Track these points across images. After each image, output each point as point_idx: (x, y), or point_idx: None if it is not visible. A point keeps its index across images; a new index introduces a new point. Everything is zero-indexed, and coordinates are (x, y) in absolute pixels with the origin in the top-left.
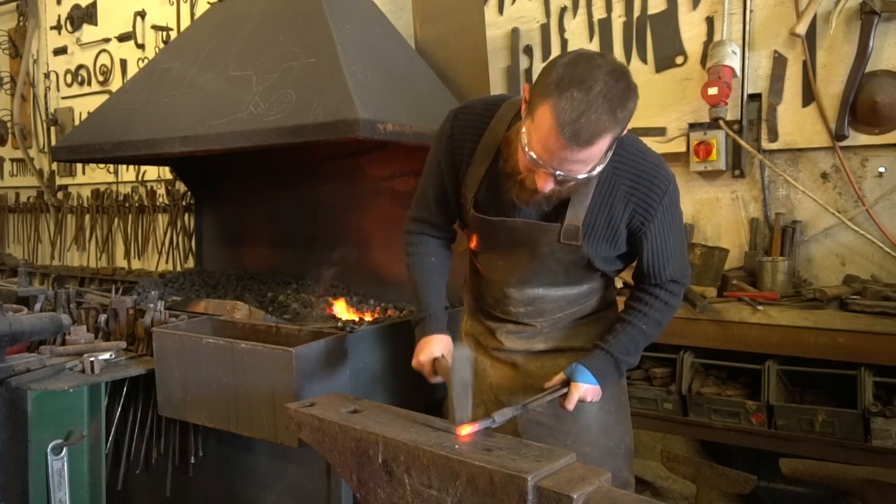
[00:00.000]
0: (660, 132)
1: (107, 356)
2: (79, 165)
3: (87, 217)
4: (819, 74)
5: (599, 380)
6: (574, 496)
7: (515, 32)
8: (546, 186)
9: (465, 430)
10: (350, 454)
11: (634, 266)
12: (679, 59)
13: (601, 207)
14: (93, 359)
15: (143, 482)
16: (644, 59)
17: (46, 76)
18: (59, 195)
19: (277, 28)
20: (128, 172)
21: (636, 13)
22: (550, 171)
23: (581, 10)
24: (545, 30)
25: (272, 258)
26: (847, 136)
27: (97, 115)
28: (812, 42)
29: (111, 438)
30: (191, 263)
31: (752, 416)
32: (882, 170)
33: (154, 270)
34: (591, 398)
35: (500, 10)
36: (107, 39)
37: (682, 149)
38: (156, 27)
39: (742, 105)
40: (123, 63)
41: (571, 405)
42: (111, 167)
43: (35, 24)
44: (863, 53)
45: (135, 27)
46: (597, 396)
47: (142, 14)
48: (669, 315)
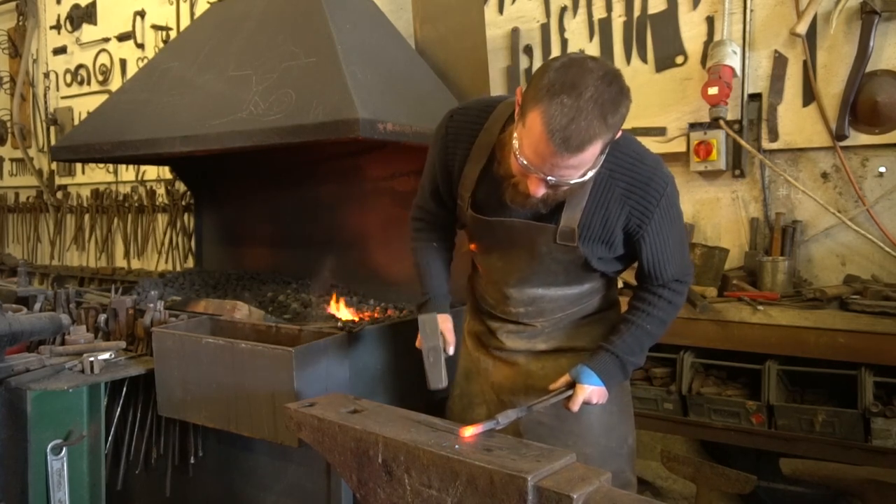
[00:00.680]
0: (660, 132)
1: (106, 356)
2: (78, 165)
3: (87, 217)
4: (819, 74)
5: (605, 381)
6: (574, 496)
7: (515, 32)
8: (538, 191)
9: (469, 432)
10: (350, 454)
11: (636, 267)
12: (679, 59)
13: (597, 210)
14: (92, 359)
15: (143, 482)
16: (644, 59)
17: (46, 76)
18: (59, 195)
19: (277, 28)
20: (127, 172)
21: (636, 13)
22: (542, 177)
23: (581, 10)
24: (545, 30)
25: (272, 258)
26: (847, 136)
27: (97, 115)
28: (812, 42)
29: (111, 438)
30: (191, 263)
31: (752, 416)
32: (882, 169)
33: (154, 270)
34: (597, 400)
35: (500, 10)
36: (106, 39)
37: (683, 149)
38: (155, 27)
39: (742, 105)
40: (123, 63)
41: (576, 407)
42: (111, 167)
43: (35, 24)
44: (863, 53)
45: (134, 27)
46: (603, 398)
47: (141, 14)
48: (673, 314)
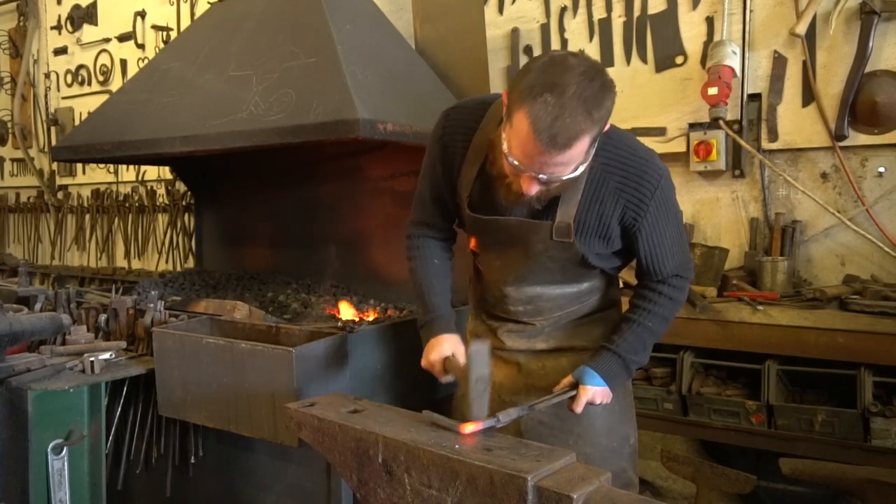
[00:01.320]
0: (660, 132)
1: (107, 356)
2: (79, 165)
3: (87, 217)
4: (819, 74)
5: (608, 381)
6: (574, 496)
7: (515, 32)
8: (531, 189)
9: (469, 428)
10: (350, 454)
11: (636, 264)
12: (679, 59)
13: (591, 204)
14: (93, 359)
15: (143, 482)
16: (644, 59)
17: (47, 76)
18: (60, 195)
19: (277, 28)
20: (128, 172)
21: (636, 13)
22: (533, 175)
23: (581, 10)
24: (545, 30)
25: (272, 258)
26: (847, 136)
27: (97, 115)
28: (812, 42)
29: (111, 438)
30: (191, 263)
31: (752, 416)
32: (882, 170)
33: (154, 270)
34: (601, 400)
35: (500, 10)
36: (107, 39)
37: (682, 149)
38: (156, 27)
39: (742, 105)
40: (123, 63)
41: (580, 408)
42: (111, 167)
43: (35, 24)
44: (863, 53)
45: (135, 27)
46: (606, 398)
47: (142, 14)
48: (675, 310)
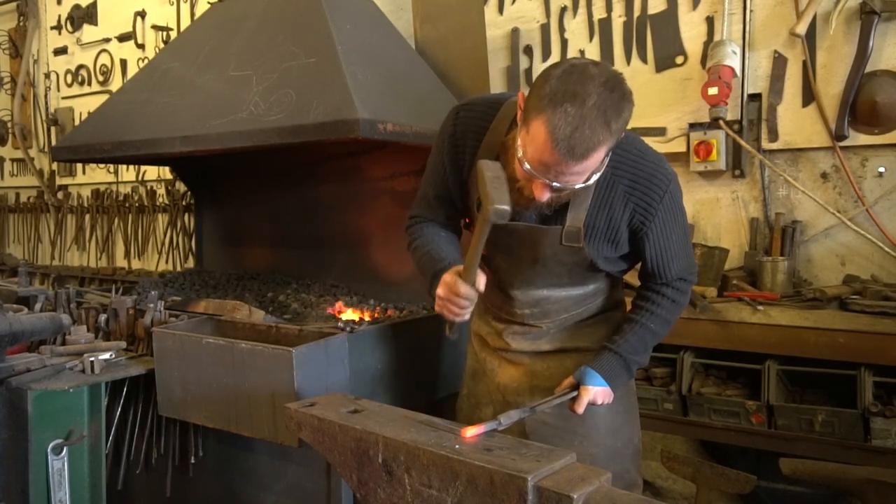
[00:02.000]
0: (660, 132)
1: (107, 356)
2: (79, 165)
3: (87, 217)
4: (819, 74)
5: (609, 381)
6: (574, 496)
7: (515, 32)
8: (543, 196)
9: (470, 432)
10: (350, 454)
11: (640, 266)
12: (679, 59)
13: (601, 208)
14: (93, 359)
15: (143, 482)
16: (644, 59)
17: (47, 76)
18: (60, 195)
19: (277, 28)
20: (128, 172)
21: (636, 13)
22: (547, 182)
23: (581, 10)
24: (545, 30)
25: (272, 258)
26: (847, 136)
27: (97, 115)
28: (812, 42)
29: (111, 438)
30: (191, 263)
31: (752, 416)
32: (882, 170)
33: (154, 270)
34: (602, 400)
35: (500, 10)
36: (107, 39)
37: (682, 149)
38: (156, 27)
39: (742, 105)
40: (123, 63)
41: (581, 409)
42: (111, 167)
43: (35, 24)
44: (863, 53)
45: (135, 27)
46: (608, 398)
47: (142, 14)
48: (678, 313)
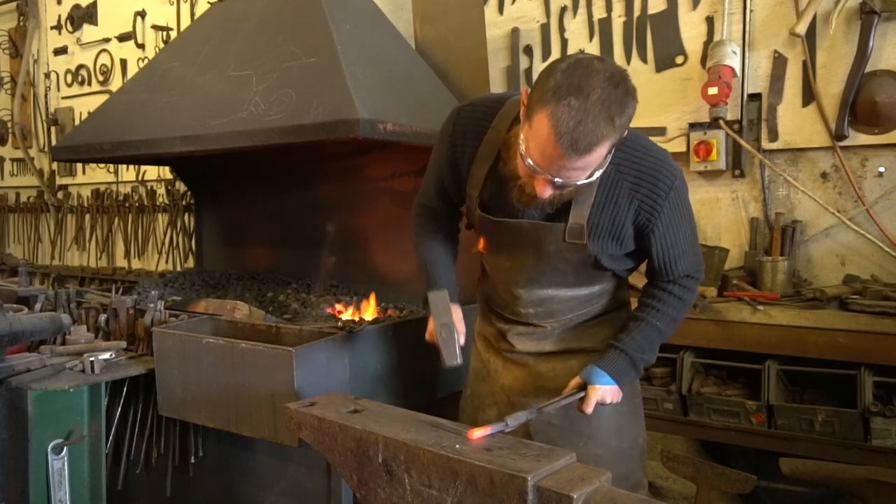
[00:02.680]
0: (660, 132)
1: (107, 356)
2: (79, 165)
3: (87, 217)
4: (819, 74)
5: (616, 380)
6: (574, 496)
7: (515, 32)
8: (545, 192)
9: (477, 434)
10: (350, 454)
11: (646, 264)
12: (679, 59)
13: (605, 205)
14: (93, 358)
15: (143, 482)
16: (644, 59)
17: (47, 76)
18: (60, 195)
19: (277, 28)
20: (128, 172)
21: (636, 13)
22: (549, 178)
23: (581, 10)
24: (545, 30)
25: (272, 258)
26: (847, 136)
27: (97, 115)
28: (812, 42)
29: (111, 438)
30: (191, 263)
31: (752, 416)
32: (882, 169)
33: (154, 270)
34: (611, 399)
35: (500, 10)
36: (107, 39)
37: (682, 148)
38: (156, 27)
39: (742, 105)
40: (123, 63)
41: (590, 409)
42: (111, 167)
43: (35, 24)
44: (863, 53)
45: (135, 27)
46: (616, 397)
47: (142, 14)
48: (684, 311)
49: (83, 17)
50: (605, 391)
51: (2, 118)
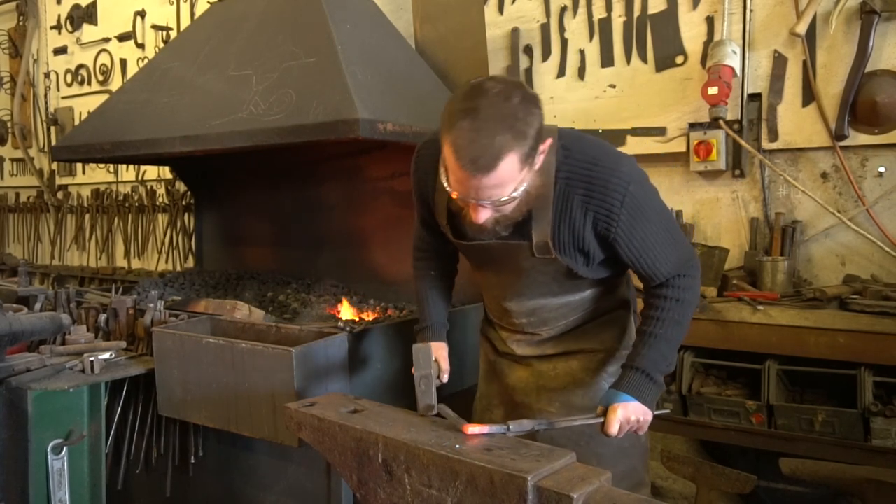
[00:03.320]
0: (660, 132)
1: (107, 356)
2: (79, 165)
3: (87, 217)
4: (819, 74)
5: (636, 396)
6: (574, 496)
7: (515, 32)
8: (481, 217)
9: (472, 429)
10: (350, 454)
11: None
12: (679, 59)
13: (562, 219)
14: (93, 358)
15: (143, 482)
16: (644, 59)
17: (46, 76)
18: (59, 195)
19: (277, 28)
20: (128, 172)
21: (636, 13)
22: (475, 203)
23: (581, 10)
24: (545, 29)
25: (272, 258)
26: (847, 136)
27: (97, 115)
28: (812, 42)
29: (111, 438)
30: (191, 263)
31: (752, 416)
32: (882, 169)
33: (154, 270)
34: (638, 417)
35: (500, 10)
36: (107, 39)
37: (683, 148)
38: (156, 27)
39: (742, 105)
40: (123, 63)
41: (613, 429)
42: (111, 167)
43: (35, 24)
44: (863, 53)
45: (135, 27)
46: (645, 415)
47: (142, 14)
48: (688, 310)
49: (83, 17)
50: (629, 408)
51: (2, 118)
